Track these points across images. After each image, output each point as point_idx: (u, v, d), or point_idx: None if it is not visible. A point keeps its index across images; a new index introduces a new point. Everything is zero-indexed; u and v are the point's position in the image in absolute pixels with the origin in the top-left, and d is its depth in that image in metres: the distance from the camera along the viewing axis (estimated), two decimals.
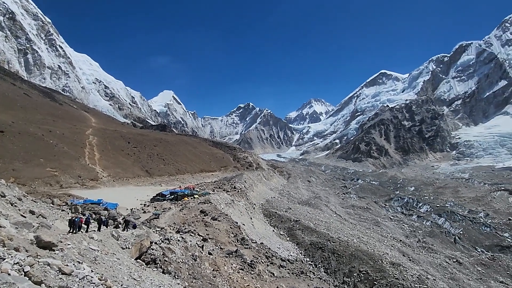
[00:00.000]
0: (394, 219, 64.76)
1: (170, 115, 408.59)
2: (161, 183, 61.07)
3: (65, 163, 50.08)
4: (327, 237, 32.78)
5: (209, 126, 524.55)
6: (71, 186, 44.08)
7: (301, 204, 57.74)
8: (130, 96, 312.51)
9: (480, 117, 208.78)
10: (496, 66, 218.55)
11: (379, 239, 40.34)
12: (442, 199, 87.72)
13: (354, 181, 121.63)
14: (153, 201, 38.03)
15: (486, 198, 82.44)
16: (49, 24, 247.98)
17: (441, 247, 48.01)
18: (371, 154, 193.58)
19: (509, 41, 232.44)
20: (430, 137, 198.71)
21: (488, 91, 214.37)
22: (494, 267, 38.25)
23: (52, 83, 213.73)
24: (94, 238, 12.13)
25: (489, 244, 55.79)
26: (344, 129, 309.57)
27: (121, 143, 78.53)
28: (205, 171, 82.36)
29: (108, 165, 59.01)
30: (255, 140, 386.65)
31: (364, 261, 26.94)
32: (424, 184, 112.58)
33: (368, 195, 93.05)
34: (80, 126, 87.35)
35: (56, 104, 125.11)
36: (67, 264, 7.27)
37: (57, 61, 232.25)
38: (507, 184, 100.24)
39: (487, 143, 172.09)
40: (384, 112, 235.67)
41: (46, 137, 57.97)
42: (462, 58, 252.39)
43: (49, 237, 8.69)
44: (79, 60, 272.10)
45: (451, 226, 63.60)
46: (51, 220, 15.99)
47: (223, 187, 50.24)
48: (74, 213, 23.78)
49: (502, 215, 69.72)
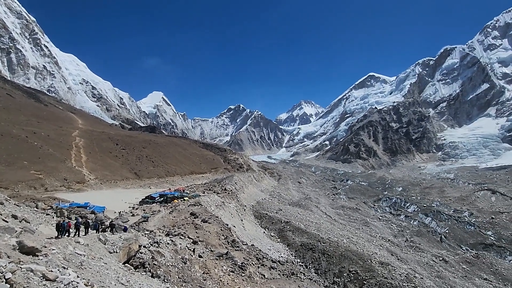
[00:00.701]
0: (382, 219, 65.83)
1: (160, 117, 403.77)
2: (151, 186, 60.19)
3: (50, 166, 48.72)
4: (317, 238, 32.99)
5: (199, 128, 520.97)
6: (56, 189, 42.89)
7: (292, 205, 57.97)
8: (118, 97, 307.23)
9: (464, 119, 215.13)
10: (479, 69, 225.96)
11: (368, 239, 40.91)
12: (428, 199, 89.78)
13: (343, 182, 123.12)
14: (142, 203, 37.41)
15: (470, 197, 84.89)
16: (33, 23, 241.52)
17: (428, 246, 49.09)
18: (360, 155, 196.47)
19: (491, 46, 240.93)
20: (416, 138, 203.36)
21: (471, 94, 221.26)
22: (478, 264, 39.35)
23: (37, 83, 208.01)
24: (80, 243, 11.82)
25: (473, 242, 57.43)
26: (334, 130, 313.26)
27: (109, 145, 77.03)
28: (195, 173, 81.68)
29: (95, 168, 57.76)
30: (245, 141, 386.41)
31: (353, 261, 27.24)
32: (411, 184, 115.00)
33: (358, 196, 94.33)
34: (66, 127, 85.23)
35: (40, 105, 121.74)
36: (51, 270, 7.05)
37: (42, 61, 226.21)
38: (489, 184, 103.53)
39: (471, 144, 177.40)
40: (373, 114, 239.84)
41: (30, 139, 56.29)
42: (446, 61, 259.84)
43: (33, 242, 8.40)
44: (65, 60, 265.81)
45: (437, 225, 65.17)
46: (35, 224, 15.50)
47: (213, 189, 49.91)
48: (59, 217, 23.13)
49: (485, 214, 71.91)
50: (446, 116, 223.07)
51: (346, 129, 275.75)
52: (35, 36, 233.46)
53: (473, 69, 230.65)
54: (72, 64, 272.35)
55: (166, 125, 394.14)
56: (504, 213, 70.78)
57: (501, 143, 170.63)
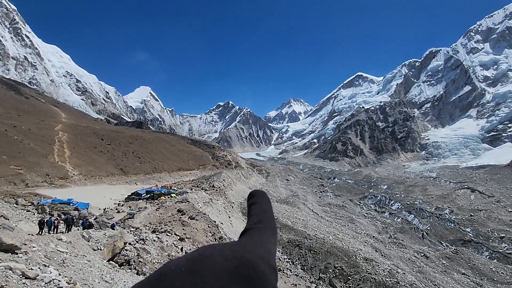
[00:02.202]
0: (368, 216, 67.27)
1: (147, 112, 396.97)
2: (137, 182, 59.20)
3: (32, 161, 47.09)
4: (304, 234, 33.41)
5: (187, 124, 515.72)
6: (38, 185, 41.53)
7: (280, 203, 58.38)
8: (104, 91, 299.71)
9: (447, 120, 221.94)
10: (462, 72, 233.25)
11: (354, 236, 41.77)
12: (412, 197, 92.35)
13: (330, 180, 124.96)
14: (128, 200, 36.76)
15: (451, 195, 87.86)
16: (14, 12, 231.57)
17: (410, 242, 50.58)
18: (347, 153, 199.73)
19: (473, 49, 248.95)
20: (402, 137, 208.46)
21: (454, 96, 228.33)
22: (457, 260, 40.87)
23: (17, 75, 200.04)
24: (62, 240, 11.52)
25: (453, 238, 59.58)
26: (322, 129, 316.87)
27: (93, 140, 75.12)
28: (183, 170, 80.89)
29: (79, 163, 56.25)
30: (234, 138, 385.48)
31: (339, 257, 27.76)
32: (396, 182, 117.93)
33: (344, 194, 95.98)
34: (49, 121, 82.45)
35: (21, 98, 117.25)
36: (31, 268, 6.84)
37: (23, 51, 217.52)
38: (469, 182, 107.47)
39: (453, 144, 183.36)
40: (360, 113, 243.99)
41: (10, 132, 54.17)
42: (431, 63, 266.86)
43: (12, 240, 8.12)
44: (48, 52, 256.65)
45: (419, 222, 67.21)
46: (14, 221, 14.99)
47: (201, 186, 49.61)
48: (41, 213, 22.45)
49: (465, 212, 74.66)
50: (430, 116, 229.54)
51: (334, 127, 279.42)
52: (15, 26, 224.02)
53: (456, 72, 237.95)
54: (55, 55, 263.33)
55: (154, 120, 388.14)
56: (482, 211, 73.71)
57: (481, 144, 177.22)
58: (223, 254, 0.55)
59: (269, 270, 0.59)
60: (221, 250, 0.56)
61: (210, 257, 0.53)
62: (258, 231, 0.78)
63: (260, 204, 0.94)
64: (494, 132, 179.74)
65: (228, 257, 0.54)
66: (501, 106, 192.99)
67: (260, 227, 0.80)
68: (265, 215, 0.87)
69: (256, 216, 0.86)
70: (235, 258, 0.55)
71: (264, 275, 0.55)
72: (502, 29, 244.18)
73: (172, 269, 0.49)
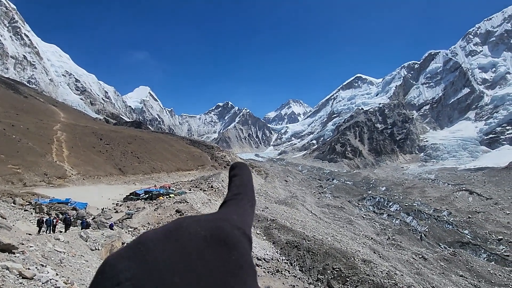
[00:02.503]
0: (366, 217, 67.33)
1: (146, 112, 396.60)
2: (135, 182, 59.05)
3: (30, 160, 46.92)
4: (302, 235, 33.38)
5: (186, 124, 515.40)
6: (35, 184, 41.38)
7: (278, 204, 58.36)
8: (103, 90, 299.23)
9: (445, 122, 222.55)
10: (460, 74, 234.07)
11: (352, 237, 41.78)
12: (410, 199, 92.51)
13: (329, 181, 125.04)
14: (126, 200, 36.66)
15: (449, 197, 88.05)
16: (13, 11, 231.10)
17: (409, 244, 50.65)
18: (346, 155, 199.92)
19: (472, 52, 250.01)
20: (400, 139, 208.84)
21: (453, 98, 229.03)
22: (455, 262, 40.93)
23: (16, 74, 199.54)
24: (60, 240, 11.47)
25: (451, 240, 59.70)
26: (321, 130, 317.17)
27: (92, 139, 74.94)
28: (182, 170, 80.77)
29: (77, 163, 56.08)
30: (233, 139, 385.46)
31: (337, 259, 27.75)
32: (394, 184, 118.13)
33: (343, 195, 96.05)
34: (47, 120, 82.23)
35: (20, 97, 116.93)
36: (28, 268, 6.80)
37: (22, 50, 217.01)
38: (467, 184, 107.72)
39: (451, 146, 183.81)
40: (359, 115, 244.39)
41: (8, 131, 53.97)
42: (430, 65, 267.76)
43: (9, 239, 8.08)
44: (48, 51, 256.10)
45: (418, 224, 67.31)
46: (11, 220, 14.92)
47: (200, 186, 49.56)
48: (38, 213, 22.36)
49: (463, 214, 74.83)
50: (428, 118, 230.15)
51: (333, 129, 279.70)
52: (15, 25, 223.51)
53: (455, 74, 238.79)
54: (55, 55, 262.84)
55: (153, 120, 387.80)
56: (480, 213, 73.89)
57: (479, 146, 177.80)
58: (199, 223, 0.56)
59: (243, 238, 0.61)
60: (197, 220, 0.58)
61: (187, 226, 0.55)
62: (236, 202, 0.80)
63: (240, 176, 0.94)
64: (492, 135, 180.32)
65: (204, 226, 0.56)
66: (499, 109, 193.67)
67: (238, 199, 0.81)
68: (245, 187, 0.88)
69: (236, 188, 0.88)
70: (211, 227, 0.56)
71: (238, 241, 0.56)
72: (500, 32, 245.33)
73: (150, 237, 0.50)
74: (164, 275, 0.43)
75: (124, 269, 0.44)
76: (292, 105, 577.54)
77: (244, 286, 0.48)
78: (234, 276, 0.48)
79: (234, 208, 0.76)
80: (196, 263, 0.46)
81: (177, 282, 0.42)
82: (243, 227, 0.64)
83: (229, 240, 0.55)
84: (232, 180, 0.93)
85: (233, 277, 0.48)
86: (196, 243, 0.50)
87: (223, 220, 0.61)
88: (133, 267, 0.45)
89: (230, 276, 0.47)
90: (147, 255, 0.46)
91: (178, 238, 0.50)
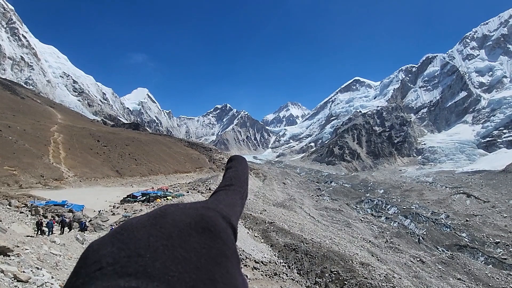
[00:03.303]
0: (364, 220, 67.31)
1: (144, 114, 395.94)
2: (133, 184, 58.74)
3: (26, 162, 46.59)
4: (300, 238, 33.27)
5: (184, 126, 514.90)
6: (32, 186, 41.06)
7: (276, 206, 58.24)
8: (101, 92, 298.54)
9: (443, 125, 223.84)
10: (458, 78, 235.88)
11: (350, 240, 41.70)
12: (408, 202, 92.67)
13: (327, 184, 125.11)
14: (123, 202, 36.43)
15: (447, 200, 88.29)
16: (11, 12, 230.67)
17: (407, 247, 50.63)
18: (344, 157, 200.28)
19: (469, 56, 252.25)
20: (398, 142, 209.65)
21: (450, 101, 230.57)
22: (453, 265, 40.94)
23: (13, 75, 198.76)
24: (56, 242, 11.34)
25: (449, 243, 59.77)
26: (319, 132, 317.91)
27: (89, 141, 74.60)
28: (180, 172, 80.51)
29: (74, 165, 55.76)
30: (231, 141, 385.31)
31: (335, 262, 27.66)
32: (392, 187, 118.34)
33: (341, 197, 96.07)
34: (44, 122, 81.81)
35: (17, 98, 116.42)
36: (23, 271, 6.71)
37: (19, 51, 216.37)
38: (465, 187, 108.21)
39: (449, 149, 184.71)
40: (357, 118, 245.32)
41: (5, 133, 53.63)
42: (428, 69, 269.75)
43: (4, 242, 7.97)
44: (45, 52, 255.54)
45: (415, 227, 67.37)
46: (7, 223, 14.77)
47: (197, 189, 49.38)
48: (34, 215, 22.16)
49: (461, 217, 75.03)
50: (426, 121, 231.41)
51: (331, 131, 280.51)
52: (12, 26, 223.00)
53: (452, 77, 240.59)
54: (52, 56, 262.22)
55: (151, 122, 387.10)
56: (478, 216, 74.12)
57: (476, 149, 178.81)
58: (184, 211, 0.56)
59: (228, 227, 0.59)
60: (182, 208, 0.57)
61: (171, 213, 0.54)
62: (225, 192, 0.79)
63: (235, 168, 0.93)
64: (489, 138, 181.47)
65: (189, 213, 0.55)
66: (496, 112, 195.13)
67: (229, 189, 0.80)
68: (238, 179, 0.87)
69: (228, 179, 0.87)
70: (196, 214, 0.56)
71: (223, 230, 0.55)
72: (497, 36, 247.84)
73: (134, 224, 0.49)
74: (146, 261, 0.43)
75: (107, 254, 0.44)
76: (291, 107, 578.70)
77: (226, 275, 0.47)
78: (217, 264, 0.48)
79: (223, 197, 0.75)
80: (179, 250, 0.45)
81: (158, 268, 0.42)
82: (229, 217, 0.63)
83: (214, 228, 0.54)
84: (227, 172, 0.93)
85: (216, 265, 0.47)
86: (180, 230, 0.49)
87: (209, 208, 0.60)
88: (115, 253, 0.45)
89: (213, 264, 0.47)
90: (130, 241, 0.45)
91: (162, 225, 0.50)
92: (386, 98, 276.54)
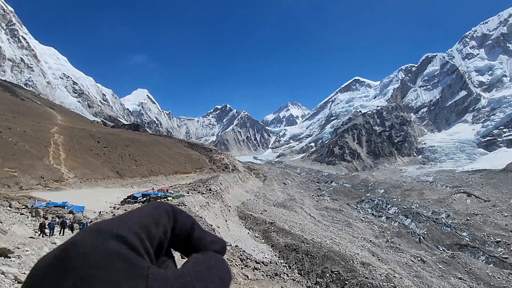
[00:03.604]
0: (365, 220, 67.28)
1: (144, 115, 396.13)
2: (133, 185, 58.75)
3: (26, 163, 46.61)
4: (301, 238, 33.27)
5: (184, 127, 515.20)
6: (32, 187, 41.07)
7: (277, 206, 58.24)
8: (101, 93, 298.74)
9: (443, 124, 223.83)
10: (457, 77, 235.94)
11: (351, 240, 41.69)
12: (408, 201, 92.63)
13: (328, 184, 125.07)
14: (124, 203, 36.43)
15: (447, 200, 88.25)
16: (11, 13, 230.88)
17: (407, 247, 50.59)
18: (344, 157, 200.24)
19: (469, 55, 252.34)
20: (398, 142, 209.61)
21: (450, 100, 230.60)
22: (454, 264, 40.92)
23: (13, 76, 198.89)
24: (56, 244, 11.34)
25: (449, 243, 59.73)
26: (319, 132, 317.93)
27: (90, 142, 74.62)
28: (180, 173, 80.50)
29: (75, 166, 55.77)
30: (231, 142, 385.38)
31: (336, 262, 27.64)
32: (392, 186, 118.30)
33: (341, 197, 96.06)
34: (45, 123, 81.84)
35: (17, 99, 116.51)
36: (24, 272, 6.71)
37: (19, 53, 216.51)
38: (465, 186, 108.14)
39: (449, 148, 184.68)
40: (357, 117, 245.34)
41: (5, 134, 53.66)
42: (428, 68, 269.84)
43: (5, 243, 7.97)
44: (45, 53, 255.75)
45: (416, 226, 67.35)
46: (7, 224, 14.76)
47: (198, 189, 49.33)
48: (35, 216, 22.16)
49: (461, 216, 74.98)
50: (426, 121, 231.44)
51: (331, 131, 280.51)
52: (12, 27, 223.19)
53: (452, 77, 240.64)
54: (52, 57, 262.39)
55: (151, 123, 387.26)
56: (478, 215, 74.08)
57: (476, 148, 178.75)
58: (53, 251, 0.40)
59: (104, 253, 0.39)
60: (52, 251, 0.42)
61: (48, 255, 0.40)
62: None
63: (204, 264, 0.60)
64: (489, 137, 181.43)
65: (52, 251, 0.41)
66: (496, 111, 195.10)
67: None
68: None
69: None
70: (57, 249, 0.41)
71: (80, 262, 0.37)
72: (496, 36, 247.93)
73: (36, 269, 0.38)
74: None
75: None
76: (291, 107, 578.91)
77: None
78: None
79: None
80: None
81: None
82: (123, 233, 0.42)
83: (68, 263, 0.38)
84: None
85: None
86: (42, 271, 0.39)
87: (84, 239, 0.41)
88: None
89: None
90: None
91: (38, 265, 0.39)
92: (386, 97, 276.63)
